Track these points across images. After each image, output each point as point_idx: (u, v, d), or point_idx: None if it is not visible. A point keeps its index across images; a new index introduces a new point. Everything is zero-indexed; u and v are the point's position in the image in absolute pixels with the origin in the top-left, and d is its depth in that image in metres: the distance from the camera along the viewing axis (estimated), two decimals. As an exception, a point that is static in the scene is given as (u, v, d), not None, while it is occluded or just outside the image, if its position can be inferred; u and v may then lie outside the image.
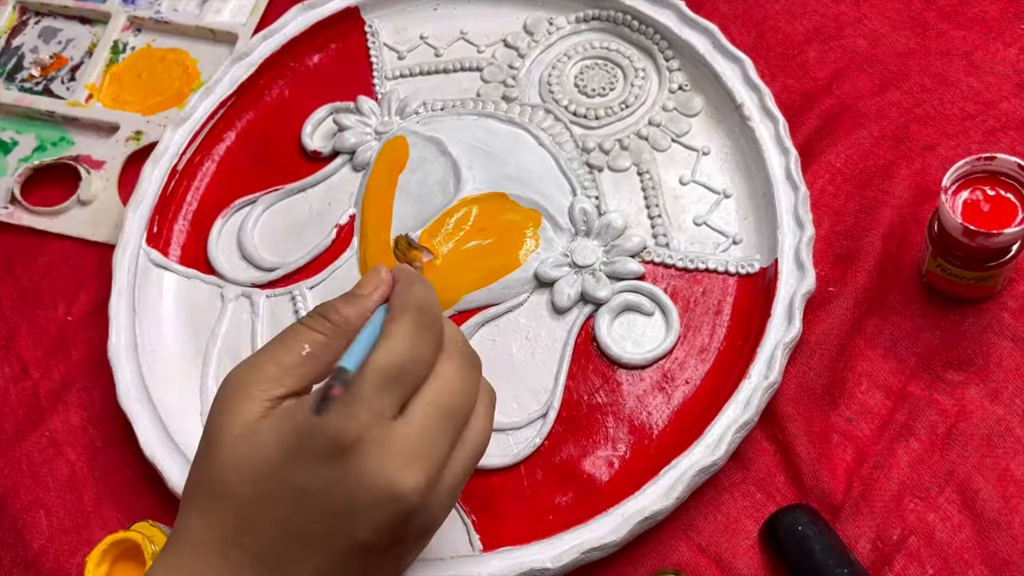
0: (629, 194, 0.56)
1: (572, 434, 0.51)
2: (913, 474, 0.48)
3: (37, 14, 0.71)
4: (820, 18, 0.61)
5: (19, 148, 0.66)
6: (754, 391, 0.49)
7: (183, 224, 0.60)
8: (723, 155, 0.57)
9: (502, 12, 0.64)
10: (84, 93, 0.67)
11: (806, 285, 0.51)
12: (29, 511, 0.54)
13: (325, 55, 0.65)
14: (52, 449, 0.55)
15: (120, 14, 0.69)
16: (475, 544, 0.48)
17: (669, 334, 0.52)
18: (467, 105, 0.61)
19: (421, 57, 0.64)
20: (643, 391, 0.51)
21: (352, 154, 0.60)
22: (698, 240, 0.55)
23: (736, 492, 0.49)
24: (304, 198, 0.60)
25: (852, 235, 0.54)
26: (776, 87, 0.58)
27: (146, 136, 0.64)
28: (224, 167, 0.62)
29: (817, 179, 0.55)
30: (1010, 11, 0.59)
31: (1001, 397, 0.49)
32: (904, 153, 0.55)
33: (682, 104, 0.59)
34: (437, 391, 0.39)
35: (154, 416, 0.53)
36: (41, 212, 0.63)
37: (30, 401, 0.57)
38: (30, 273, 0.61)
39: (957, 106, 0.56)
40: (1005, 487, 0.47)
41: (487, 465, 0.50)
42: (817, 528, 0.46)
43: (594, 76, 0.60)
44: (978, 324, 0.50)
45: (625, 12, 0.61)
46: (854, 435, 0.49)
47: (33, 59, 0.69)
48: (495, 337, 0.54)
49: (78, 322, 0.59)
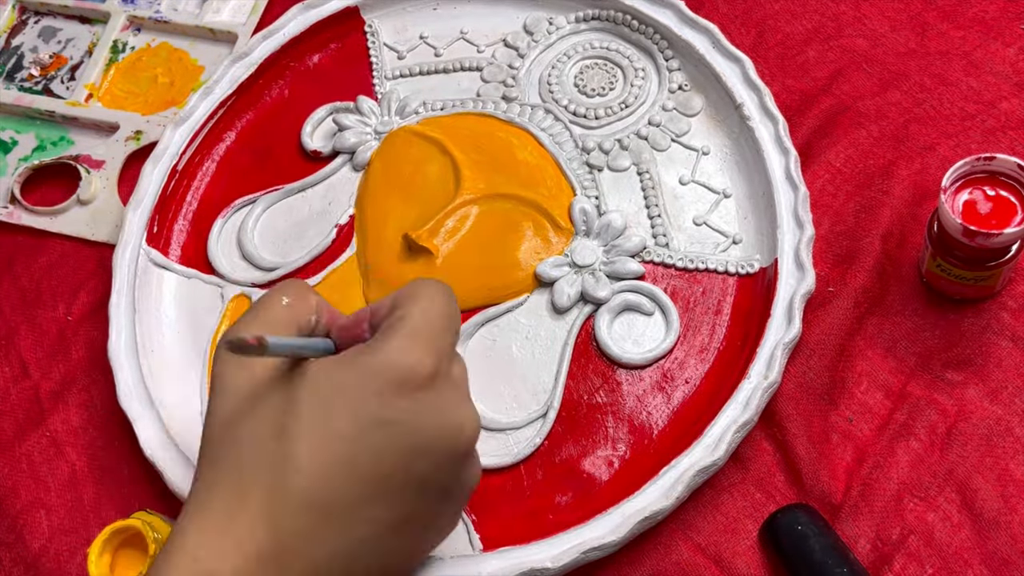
0: (629, 194, 0.57)
1: (572, 434, 0.51)
2: (913, 474, 0.48)
3: (37, 13, 0.71)
4: (820, 18, 0.61)
5: (19, 148, 0.66)
6: (754, 391, 0.49)
7: (183, 224, 0.60)
8: (723, 155, 0.57)
9: (502, 12, 0.64)
10: (84, 93, 0.67)
11: (806, 285, 0.51)
12: (29, 511, 0.54)
13: (325, 55, 0.65)
14: (52, 449, 0.55)
15: (120, 14, 0.69)
16: (475, 544, 0.49)
17: (669, 334, 0.52)
18: (467, 105, 0.61)
19: (421, 57, 0.64)
20: (643, 391, 0.51)
21: (352, 154, 0.60)
22: (698, 240, 0.55)
23: (736, 492, 0.49)
24: (304, 198, 0.60)
25: (852, 235, 0.54)
26: (776, 87, 0.58)
27: (146, 136, 0.64)
28: (224, 167, 0.62)
29: (817, 179, 0.55)
30: (1010, 11, 0.59)
31: (1000, 397, 0.49)
32: (904, 153, 0.55)
33: (682, 104, 0.59)
34: (459, 359, 0.42)
35: (154, 416, 0.53)
36: (41, 212, 0.63)
37: (30, 401, 0.57)
38: (30, 273, 0.61)
39: (957, 106, 0.56)
40: (1004, 487, 0.47)
41: (487, 465, 0.50)
42: (817, 528, 0.46)
43: (594, 76, 0.60)
44: (978, 324, 0.50)
45: (625, 12, 0.61)
46: (854, 435, 0.49)
47: (33, 59, 0.69)
48: (495, 337, 0.54)
49: (78, 322, 0.59)
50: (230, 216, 0.60)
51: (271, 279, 0.57)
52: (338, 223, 0.58)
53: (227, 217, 0.60)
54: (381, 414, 0.38)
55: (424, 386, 0.38)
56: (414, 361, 0.38)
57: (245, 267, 0.58)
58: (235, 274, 0.58)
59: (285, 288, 0.43)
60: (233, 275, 0.58)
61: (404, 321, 0.39)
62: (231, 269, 0.58)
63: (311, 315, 0.42)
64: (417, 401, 0.38)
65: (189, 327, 0.57)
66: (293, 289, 0.43)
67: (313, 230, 0.59)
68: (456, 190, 0.57)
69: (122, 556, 0.48)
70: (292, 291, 0.43)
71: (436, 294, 0.41)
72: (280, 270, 0.57)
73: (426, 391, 0.38)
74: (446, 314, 0.40)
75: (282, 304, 0.42)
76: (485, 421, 0.51)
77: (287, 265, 0.57)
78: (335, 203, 0.59)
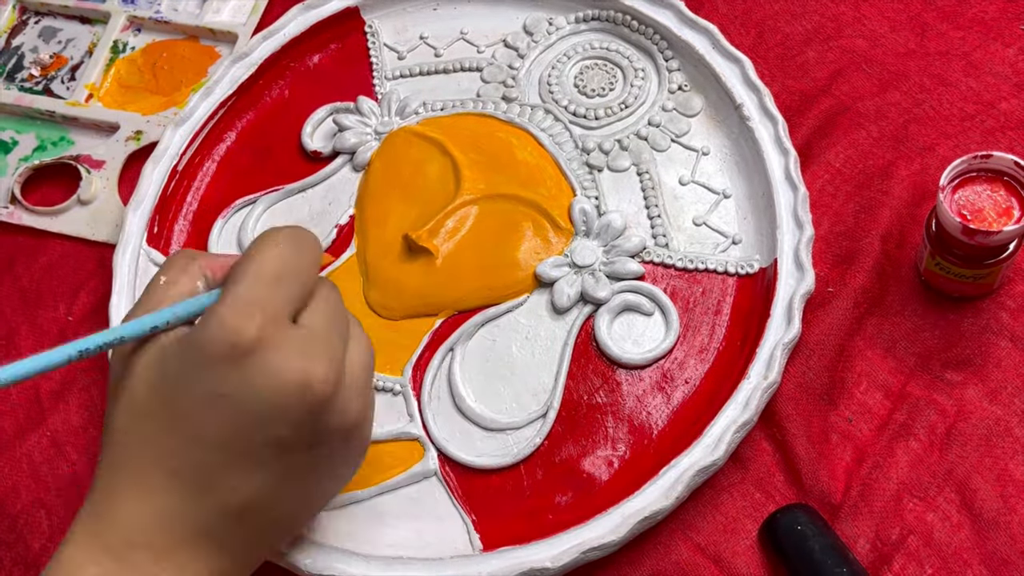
0: (629, 194, 0.57)
1: (572, 434, 0.51)
2: (912, 474, 0.48)
3: (37, 14, 0.71)
4: (820, 18, 0.61)
5: (19, 148, 0.66)
6: (753, 391, 0.49)
7: (183, 224, 0.60)
8: (723, 155, 0.57)
9: (502, 12, 0.64)
10: (84, 93, 0.67)
11: (805, 285, 0.51)
12: (29, 511, 0.54)
13: (325, 55, 0.65)
14: (52, 449, 0.55)
15: (120, 14, 0.69)
16: (475, 544, 0.49)
17: (669, 334, 0.52)
18: (467, 105, 0.61)
19: (421, 57, 0.64)
20: (643, 391, 0.51)
21: (352, 154, 0.60)
22: (698, 240, 0.55)
23: (735, 492, 0.49)
24: (304, 198, 0.60)
25: (851, 235, 0.54)
26: (775, 87, 0.58)
27: (146, 136, 0.64)
28: (224, 167, 0.62)
29: (816, 179, 0.55)
30: (1009, 11, 0.59)
31: (1000, 397, 0.49)
32: (903, 153, 0.55)
33: (682, 104, 0.59)
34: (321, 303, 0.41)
35: (154, 416, 0.53)
36: (41, 212, 0.63)
37: (30, 401, 0.57)
38: (30, 273, 0.61)
39: (956, 106, 0.56)
40: (1004, 487, 0.47)
41: (487, 465, 0.50)
42: (816, 528, 0.46)
43: (594, 76, 0.61)
44: (977, 324, 0.50)
45: (625, 12, 0.61)
46: (853, 435, 0.49)
47: (33, 59, 0.69)
48: (495, 337, 0.54)
49: (78, 322, 0.59)
50: (230, 216, 0.60)
51: (271, 279, 0.57)
52: (338, 223, 0.58)
53: (227, 217, 0.60)
54: (214, 388, 0.38)
55: (250, 351, 0.37)
56: (233, 330, 0.37)
57: (245, 267, 0.58)
58: (235, 274, 0.58)
59: (165, 266, 0.42)
60: (233, 275, 0.58)
61: (228, 287, 0.39)
62: (231, 269, 0.58)
63: (196, 282, 0.42)
64: (244, 368, 0.37)
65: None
66: (174, 264, 0.42)
67: (313, 230, 0.58)
68: (456, 190, 0.57)
69: None
70: (172, 267, 0.42)
71: (268, 247, 0.40)
72: (280, 270, 0.57)
73: (253, 356, 0.37)
74: (276, 269, 0.39)
75: (160, 284, 0.41)
76: (485, 421, 0.51)
77: (287, 265, 0.57)
78: (335, 203, 0.59)
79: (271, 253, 0.40)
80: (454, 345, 0.53)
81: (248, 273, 0.39)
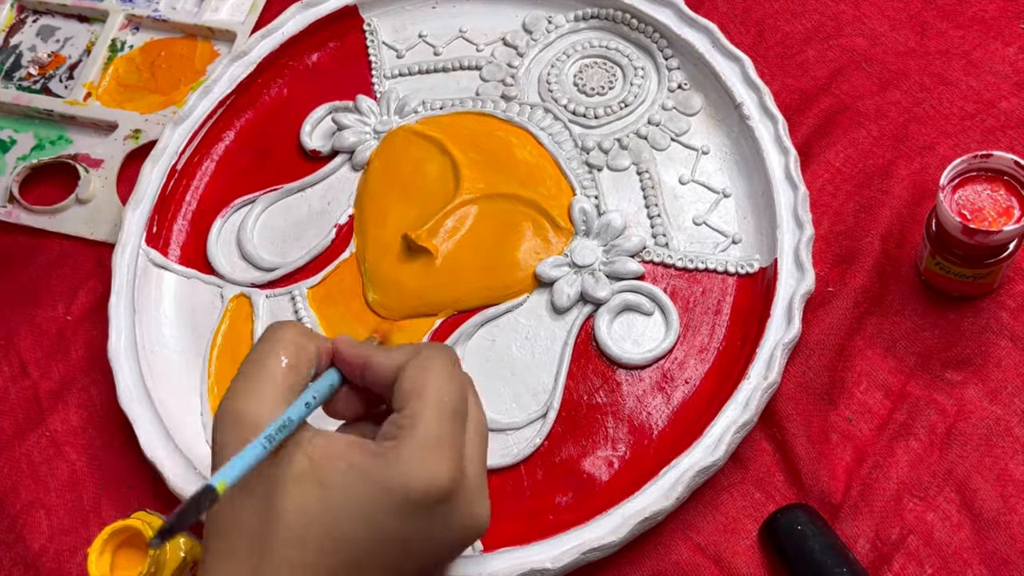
0: (629, 193, 0.57)
1: (572, 434, 0.51)
2: (912, 474, 0.48)
3: (35, 12, 0.71)
4: (819, 17, 0.61)
5: (17, 147, 0.66)
6: (753, 391, 0.49)
7: (182, 224, 0.60)
8: (722, 154, 0.57)
9: (501, 10, 0.64)
10: (82, 91, 0.67)
11: (805, 285, 0.51)
12: (29, 511, 0.54)
13: (324, 54, 0.65)
14: (52, 449, 0.55)
15: (118, 12, 0.69)
16: (475, 544, 0.49)
17: (669, 334, 0.52)
18: (466, 104, 0.61)
19: (420, 56, 0.64)
20: (643, 391, 0.51)
21: (351, 153, 0.60)
22: (697, 240, 0.55)
23: (735, 492, 0.49)
24: (303, 198, 0.60)
25: (851, 235, 0.54)
26: (775, 86, 0.58)
27: (145, 135, 0.64)
28: (223, 167, 0.62)
29: (816, 179, 0.55)
30: (1009, 11, 0.59)
31: (1000, 397, 0.49)
32: (903, 153, 0.55)
33: (681, 103, 0.59)
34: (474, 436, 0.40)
35: (154, 416, 0.53)
36: (40, 211, 0.63)
37: (30, 401, 0.57)
38: (29, 273, 0.61)
39: (956, 105, 0.56)
40: (1004, 487, 0.47)
41: (488, 465, 0.50)
42: (816, 528, 0.46)
43: (593, 75, 0.60)
44: (977, 324, 0.50)
45: (624, 11, 0.61)
46: (853, 435, 0.49)
47: (31, 57, 0.69)
48: (495, 337, 0.54)
49: (78, 322, 0.59)
50: (229, 216, 0.60)
51: (270, 279, 0.57)
52: (337, 223, 0.58)
53: (226, 217, 0.60)
54: (397, 533, 0.37)
55: (442, 500, 0.37)
56: (431, 476, 0.36)
57: (244, 267, 0.58)
58: (234, 274, 0.58)
59: (282, 343, 0.39)
60: (232, 275, 0.58)
61: (416, 428, 0.37)
62: (230, 269, 0.58)
63: (311, 368, 0.39)
64: (434, 517, 0.37)
65: (189, 327, 0.57)
66: (292, 343, 0.39)
67: (312, 230, 0.58)
68: (455, 190, 0.57)
69: (122, 556, 0.48)
70: (291, 346, 0.39)
71: (445, 383, 0.38)
72: (279, 270, 0.57)
73: (442, 504, 0.37)
74: (457, 409, 0.38)
75: (282, 367, 0.38)
76: (485, 421, 0.51)
77: (286, 265, 0.57)
78: (334, 203, 0.59)
79: (450, 388, 0.38)
80: (454, 345, 0.53)
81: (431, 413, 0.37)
